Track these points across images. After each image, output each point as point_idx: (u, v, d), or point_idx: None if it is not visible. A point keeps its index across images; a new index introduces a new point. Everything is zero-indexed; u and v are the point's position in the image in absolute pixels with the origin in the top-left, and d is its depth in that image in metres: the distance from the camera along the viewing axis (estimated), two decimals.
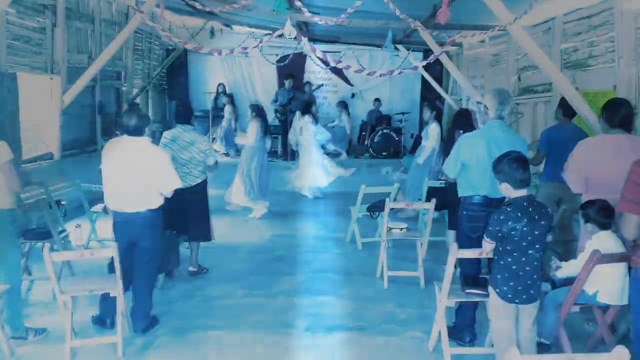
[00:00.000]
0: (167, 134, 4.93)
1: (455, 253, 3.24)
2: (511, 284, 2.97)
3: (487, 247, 3.09)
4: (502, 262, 3.00)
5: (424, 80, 11.79)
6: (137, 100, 9.64)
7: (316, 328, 4.00)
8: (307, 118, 8.34)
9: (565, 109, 4.96)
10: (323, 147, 8.82)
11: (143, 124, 3.81)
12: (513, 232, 2.90)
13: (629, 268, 3.10)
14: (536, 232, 2.92)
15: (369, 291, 4.77)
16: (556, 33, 6.82)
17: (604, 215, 3.34)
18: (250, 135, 7.10)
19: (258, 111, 7.20)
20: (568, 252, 4.48)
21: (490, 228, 3.00)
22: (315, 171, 8.38)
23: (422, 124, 11.35)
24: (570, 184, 3.77)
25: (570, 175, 3.75)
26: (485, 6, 4.94)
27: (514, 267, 2.95)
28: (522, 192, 2.94)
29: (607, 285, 3.26)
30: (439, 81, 11.69)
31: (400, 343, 3.78)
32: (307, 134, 8.34)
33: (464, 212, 3.66)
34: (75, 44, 7.81)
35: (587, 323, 3.94)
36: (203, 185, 5.03)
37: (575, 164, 3.70)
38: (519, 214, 2.88)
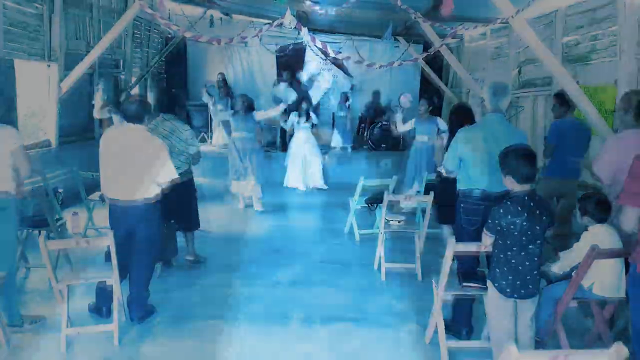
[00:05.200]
0: (149, 124, 4.85)
1: (453, 247, 3.22)
2: (510, 278, 2.95)
3: (487, 241, 3.08)
4: (501, 257, 2.98)
5: (424, 73, 11.72)
6: (135, 91, 9.56)
7: (313, 319, 4.00)
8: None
9: (564, 102, 4.92)
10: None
11: (144, 111, 3.78)
12: (512, 227, 2.88)
13: (626, 262, 3.10)
14: (537, 228, 2.89)
15: (366, 283, 4.77)
16: (558, 26, 6.78)
17: (601, 209, 3.34)
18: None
19: (250, 102, 7.15)
20: (565, 246, 4.47)
21: (490, 221, 2.98)
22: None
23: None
24: (600, 174, 3.69)
25: (602, 166, 3.67)
26: None
27: (513, 261, 2.93)
28: (525, 187, 2.92)
29: (602, 278, 3.24)
30: (439, 74, 11.62)
31: (397, 335, 3.78)
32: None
33: (462, 205, 3.64)
34: (73, 31, 7.74)
35: (586, 317, 3.93)
36: (187, 174, 4.92)
37: (607, 157, 3.62)
38: (519, 208, 2.87)
